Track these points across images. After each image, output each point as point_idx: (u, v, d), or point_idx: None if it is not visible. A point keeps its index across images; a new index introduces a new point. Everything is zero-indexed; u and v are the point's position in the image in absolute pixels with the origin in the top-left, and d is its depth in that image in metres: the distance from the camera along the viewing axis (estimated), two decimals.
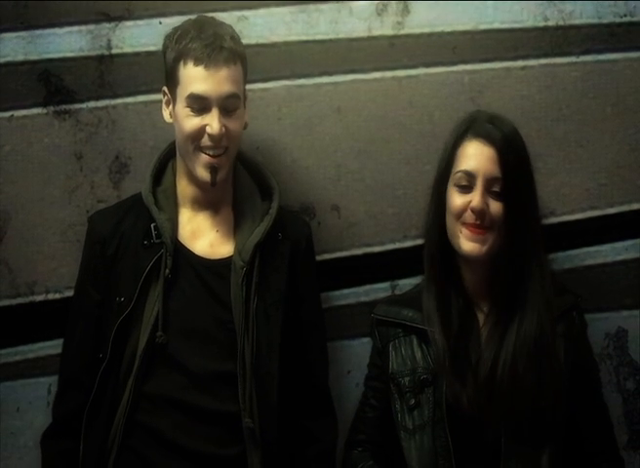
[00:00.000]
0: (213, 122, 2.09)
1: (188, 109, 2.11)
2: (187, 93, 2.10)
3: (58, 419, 2.20)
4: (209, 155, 2.12)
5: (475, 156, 2.10)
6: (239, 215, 2.20)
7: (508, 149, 2.10)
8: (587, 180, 2.42)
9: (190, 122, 2.11)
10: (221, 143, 2.11)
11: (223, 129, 2.10)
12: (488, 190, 2.09)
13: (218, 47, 2.09)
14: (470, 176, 2.10)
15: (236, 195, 2.23)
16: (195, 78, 2.09)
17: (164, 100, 2.19)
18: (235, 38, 2.14)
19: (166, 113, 2.19)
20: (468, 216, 2.09)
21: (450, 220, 2.12)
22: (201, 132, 2.11)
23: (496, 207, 2.09)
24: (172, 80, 2.14)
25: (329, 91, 2.41)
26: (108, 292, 2.15)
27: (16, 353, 2.40)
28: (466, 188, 2.10)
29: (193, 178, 2.17)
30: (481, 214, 2.08)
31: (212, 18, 2.19)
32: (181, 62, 2.10)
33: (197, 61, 2.08)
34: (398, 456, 2.15)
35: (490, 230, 2.09)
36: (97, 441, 2.11)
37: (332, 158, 2.42)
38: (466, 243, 2.10)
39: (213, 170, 2.12)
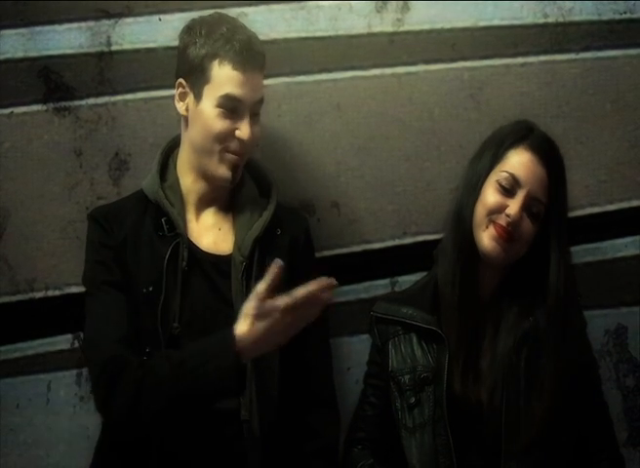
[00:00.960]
0: (245, 128, 2.11)
1: (220, 109, 2.10)
2: (222, 93, 2.09)
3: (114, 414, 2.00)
4: (234, 156, 2.13)
5: (528, 168, 2.09)
6: (238, 212, 2.20)
7: (560, 181, 2.11)
8: (587, 177, 2.42)
9: (221, 123, 2.11)
10: (246, 146, 2.13)
11: (252, 135, 2.12)
12: (526, 206, 2.08)
13: (255, 52, 2.11)
14: (516, 183, 2.08)
15: (235, 192, 2.23)
16: (232, 80, 2.09)
17: (178, 92, 2.15)
18: (259, 39, 2.16)
19: (180, 105, 2.15)
20: (501, 218, 2.08)
21: (480, 211, 2.10)
22: (230, 134, 2.11)
23: (527, 225, 2.09)
24: (199, 76, 2.11)
25: (328, 88, 2.41)
26: (126, 281, 2.11)
27: (15, 350, 2.39)
28: (507, 191, 2.08)
29: (205, 175, 2.17)
30: (515, 223, 2.07)
31: (232, 17, 2.19)
32: (216, 62, 2.09)
33: (236, 65, 2.08)
34: (398, 454, 2.15)
35: (516, 242, 2.08)
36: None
37: (331, 155, 2.42)
38: (489, 240, 2.08)
39: (234, 168, 2.14)
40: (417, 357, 2.16)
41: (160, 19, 2.40)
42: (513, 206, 2.07)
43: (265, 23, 2.38)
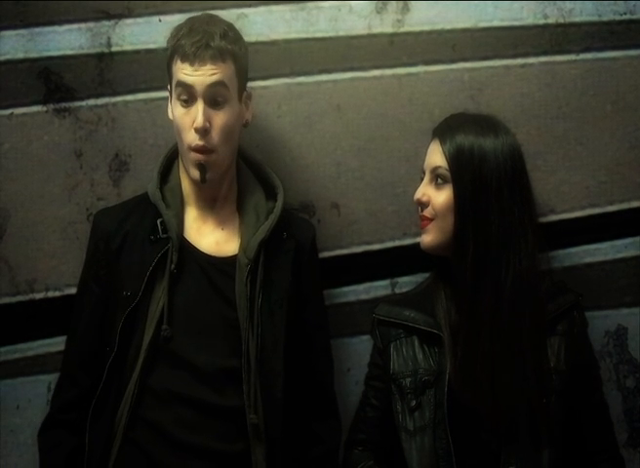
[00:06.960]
0: (197, 114, 2.09)
1: (179, 102, 2.11)
2: (175, 82, 2.11)
3: (53, 410, 2.20)
4: (196, 152, 2.11)
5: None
6: (244, 214, 2.21)
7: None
8: (587, 178, 2.42)
9: (180, 114, 2.11)
10: (208, 140, 2.10)
11: (207, 123, 2.09)
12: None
13: (203, 45, 2.08)
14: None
15: (240, 194, 2.23)
16: (181, 69, 2.10)
17: (169, 97, 2.19)
18: (228, 36, 2.12)
19: (169, 109, 2.19)
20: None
21: None
22: (189, 127, 2.10)
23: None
24: (170, 77, 2.15)
25: (329, 88, 2.41)
26: (114, 286, 2.14)
27: (15, 351, 2.39)
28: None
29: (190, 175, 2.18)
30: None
31: (211, 15, 2.18)
32: (174, 59, 2.12)
33: (184, 58, 2.09)
34: (398, 456, 2.15)
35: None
36: (103, 434, 2.11)
37: (332, 156, 2.42)
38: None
39: (201, 167, 2.12)
40: (418, 360, 2.16)
41: (160, 20, 2.40)
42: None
43: (265, 24, 2.38)
